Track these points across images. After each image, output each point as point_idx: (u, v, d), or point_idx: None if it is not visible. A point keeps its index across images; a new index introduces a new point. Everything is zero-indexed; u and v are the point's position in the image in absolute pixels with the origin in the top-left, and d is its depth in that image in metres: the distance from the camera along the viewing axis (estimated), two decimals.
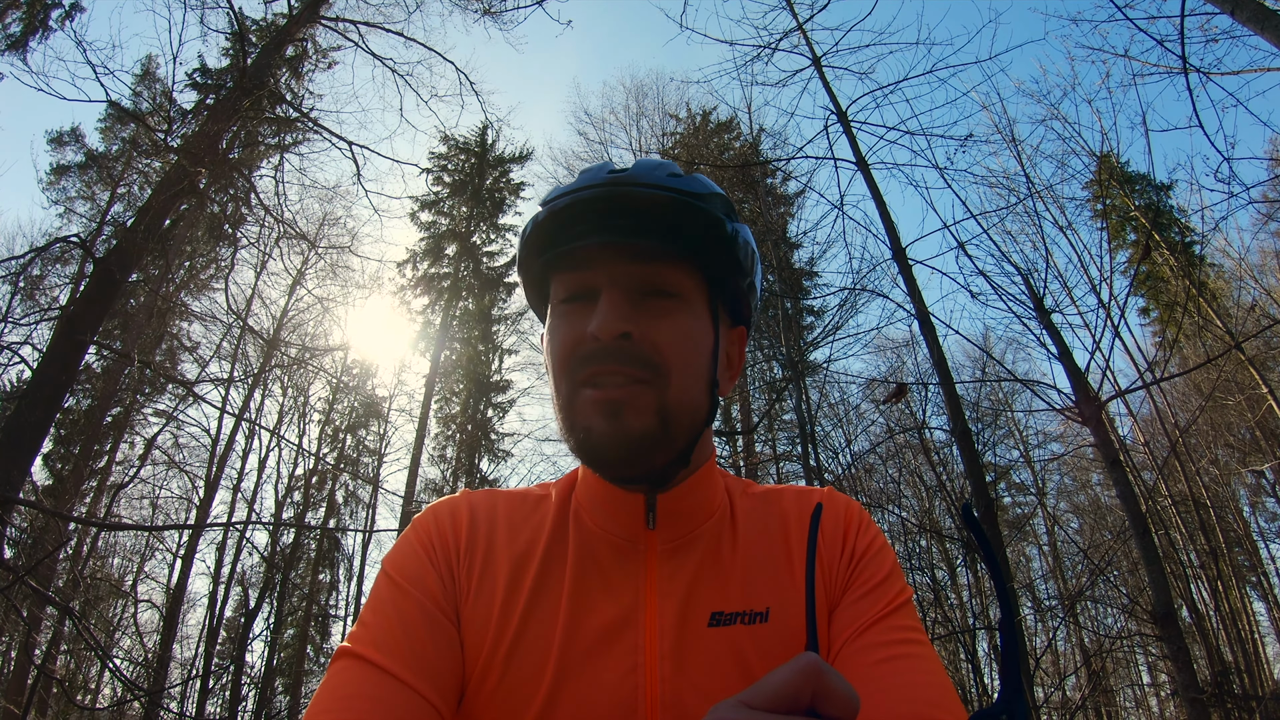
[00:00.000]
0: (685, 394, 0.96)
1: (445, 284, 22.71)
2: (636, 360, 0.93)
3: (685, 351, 0.96)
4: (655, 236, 0.95)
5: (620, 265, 0.96)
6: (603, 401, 0.92)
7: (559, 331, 0.98)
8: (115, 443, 19.60)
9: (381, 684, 0.84)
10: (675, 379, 0.94)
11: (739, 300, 1.08)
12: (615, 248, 0.96)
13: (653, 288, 0.97)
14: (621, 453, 0.92)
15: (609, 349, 0.93)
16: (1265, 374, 15.26)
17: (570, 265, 0.99)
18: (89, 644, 8.13)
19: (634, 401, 0.92)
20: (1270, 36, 5.60)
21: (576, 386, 0.95)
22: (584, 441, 0.93)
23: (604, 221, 0.96)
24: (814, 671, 0.50)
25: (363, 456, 23.22)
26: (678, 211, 0.96)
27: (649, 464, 0.94)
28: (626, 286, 0.96)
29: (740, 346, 1.11)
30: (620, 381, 0.92)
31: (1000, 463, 19.35)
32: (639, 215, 0.96)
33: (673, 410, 0.94)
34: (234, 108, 9.38)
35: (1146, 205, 16.86)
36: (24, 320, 11.36)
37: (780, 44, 8.37)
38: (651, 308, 0.96)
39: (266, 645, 20.09)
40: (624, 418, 0.91)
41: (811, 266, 17.72)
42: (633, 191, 0.95)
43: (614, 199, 0.95)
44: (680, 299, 0.98)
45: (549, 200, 1.00)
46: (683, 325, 0.97)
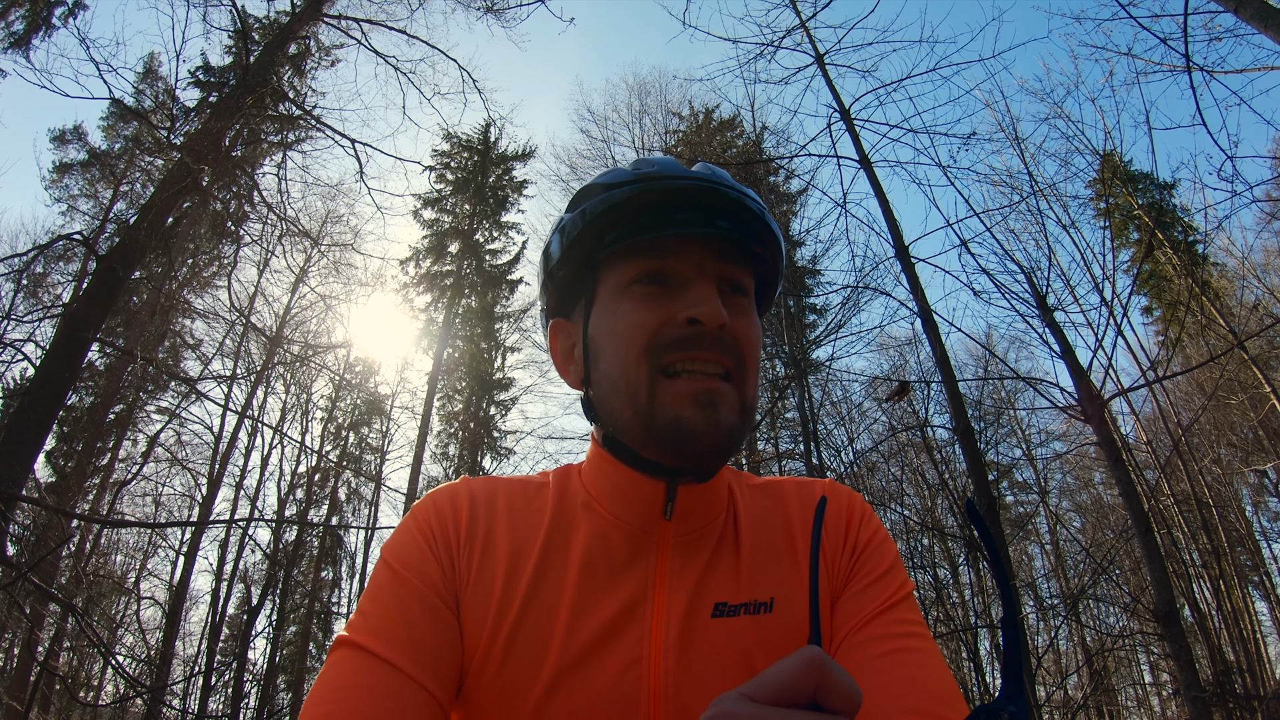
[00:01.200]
0: (755, 391, 0.98)
1: (448, 281, 22.72)
2: (729, 350, 0.94)
3: (757, 350, 0.99)
4: (744, 237, 0.98)
5: (705, 257, 0.97)
6: (700, 392, 0.91)
7: (635, 313, 0.96)
8: (118, 440, 19.64)
9: (380, 673, 0.84)
10: (750, 376, 0.97)
11: (766, 303, 1.12)
12: (706, 241, 0.97)
13: (731, 283, 0.99)
14: (715, 445, 0.91)
15: (710, 336, 0.93)
16: (1268, 373, 15.24)
17: (652, 250, 0.98)
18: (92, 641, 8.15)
19: (726, 396, 0.92)
20: (1274, 35, 5.60)
21: (658, 374, 0.93)
22: (672, 431, 0.91)
23: (704, 215, 0.96)
24: (816, 664, 0.50)
25: (365, 454, 23.25)
26: (751, 215, 0.98)
27: (725, 459, 0.95)
28: (716, 279, 0.97)
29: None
30: (714, 371, 0.93)
31: (1003, 461, 19.35)
32: (733, 216, 0.98)
33: (749, 406, 0.96)
34: (237, 105, 9.39)
35: (1150, 204, 16.84)
36: (27, 318, 11.36)
37: (783, 42, 8.37)
38: (733, 303, 0.98)
39: (269, 642, 20.15)
40: (720, 409, 0.91)
41: (814, 264, 17.70)
42: (728, 193, 0.97)
43: (716, 195, 0.96)
44: (749, 299, 1.02)
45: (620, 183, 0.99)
46: (756, 324, 1.01)
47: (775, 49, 8.40)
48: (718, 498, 1.04)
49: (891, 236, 6.97)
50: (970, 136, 7.83)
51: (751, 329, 0.98)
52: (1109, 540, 15.95)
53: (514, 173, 24.83)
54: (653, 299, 0.96)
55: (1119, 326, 6.73)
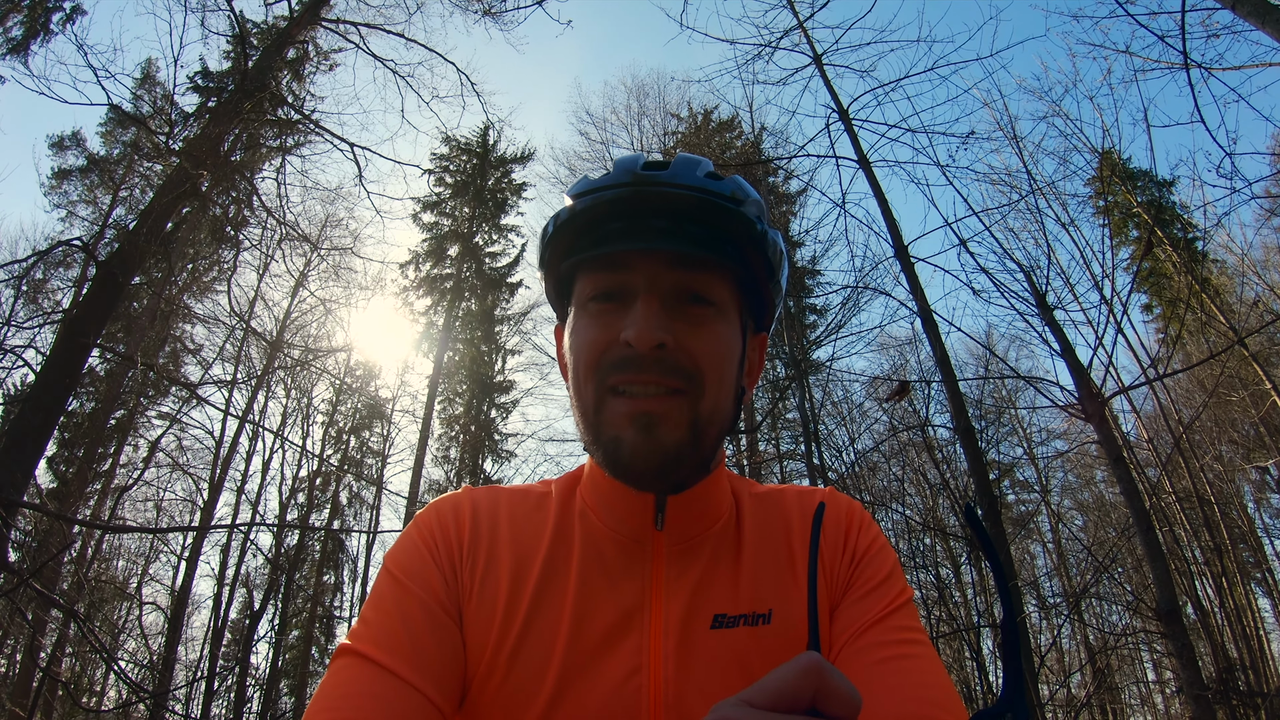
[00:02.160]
0: (717, 404, 0.94)
1: (448, 285, 22.71)
2: (671, 370, 0.91)
3: (720, 362, 0.94)
4: (693, 242, 0.92)
5: (658, 269, 0.93)
6: (636, 413, 0.90)
7: (587, 332, 0.96)
8: (119, 445, 19.62)
9: (382, 682, 0.84)
10: (709, 390, 0.93)
11: (765, 307, 1.06)
12: (651, 251, 0.93)
13: (690, 294, 0.94)
14: (652, 466, 0.90)
15: (643, 358, 0.90)
16: (1269, 370, 15.24)
17: (603, 265, 0.96)
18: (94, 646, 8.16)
19: (668, 414, 0.90)
20: (1272, 31, 5.60)
21: (605, 393, 0.93)
22: (612, 452, 0.91)
23: (641, 223, 0.94)
24: (816, 670, 0.50)
25: (366, 458, 23.24)
26: (716, 215, 0.93)
27: (676, 476, 0.94)
28: (664, 292, 0.93)
29: (761, 353, 1.10)
30: (654, 391, 0.90)
31: (1004, 460, 19.38)
32: (677, 217, 0.93)
33: (704, 421, 0.93)
34: (235, 110, 9.39)
35: (1149, 201, 16.82)
36: (27, 324, 11.39)
37: (781, 42, 8.39)
38: (689, 315, 0.93)
39: (271, 647, 20.13)
40: (657, 431, 0.90)
41: (814, 265, 17.73)
42: (668, 192, 0.92)
43: (649, 199, 0.93)
44: (716, 307, 0.95)
45: (577, 193, 0.97)
46: (719, 334, 0.95)
47: (773, 50, 8.41)
48: (712, 506, 1.03)
49: (891, 236, 6.98)
50: (969, 136, 7.85)
51: (709, 341, 0.93)
52: (1111, 538, 15.96)
53: (513, 175, 24.84)
54: (604, 316, 0.95)
55: (1119, 324, 6.73)
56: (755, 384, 1.09)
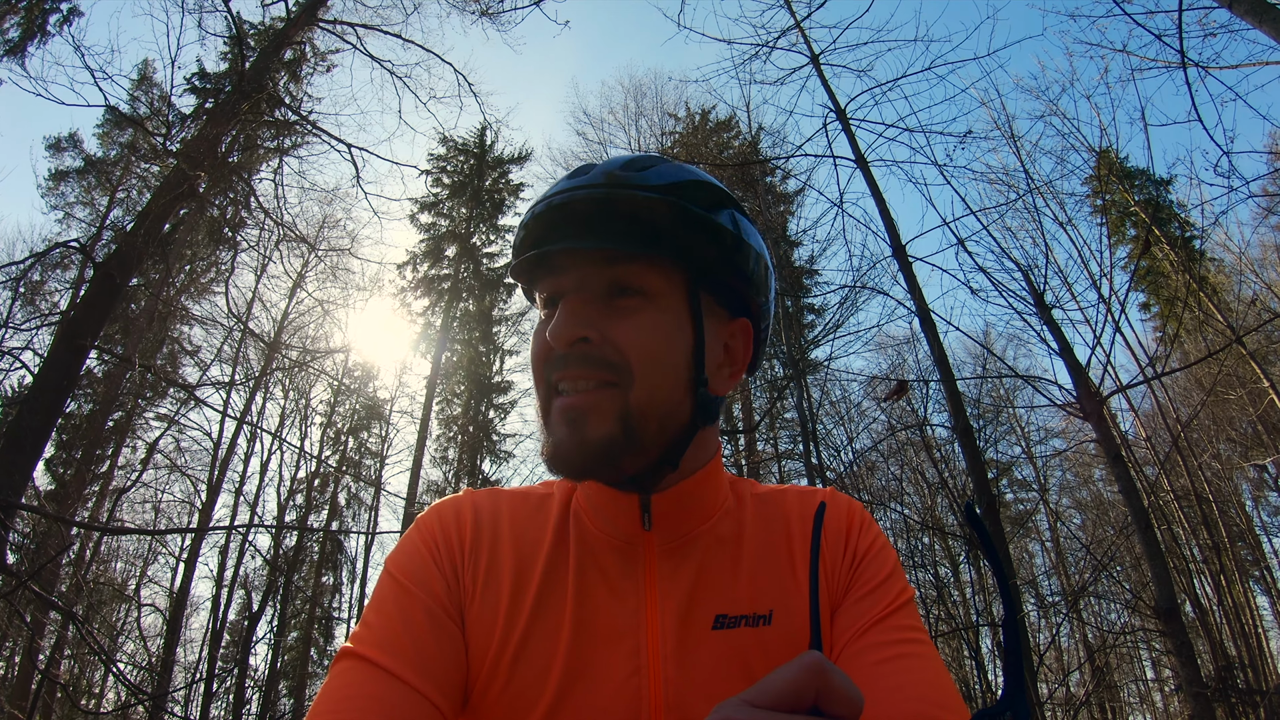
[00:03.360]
0: (653, 395, 0.92)
1: (445, 285, 22.71)
2: (597, 363, 0.92)
3: (650, 350, 0.93)
4: (614, 237, 0.93)
5: (589, 269, 0.95)
6: (566, 409, 0.92)
7: (536, 336, 0.99)
8: (117, 447, 19.60)
9: (385, 685, 0.84)
10: (640, 380, 0.92)
11: (732, 291, 1.01)
12: (583, 252, 0.94)
13: (620, 287, 0.94)
14: (579, 461, 0.91)
15: (567, 355, 0.93)
16: (1267, 368, 15.26)
17: (546, 272, 0.98)
18: (93, 648, 8.15)
19: (594, 408, 0.91)
20: (1269, 30, 5.61)
21: (550, 393, 0.95)
22: (552, 452, 0.93)
23: (566, 228, 0.95)
24: (818, 669, 0.50)
25: (365, 459, 23.23)
26: (642, 207, 0.93)
27: (615, 470, 0.93)
28: (594, 289, 0.95)
29: (745, 340, 1.05)
30: (584, 387, 0.92)
31: (1002, 459, 19.37)
32: (597, 218, 0.94)
33: (637, 413, 0.92)
34: (233, 111, 9.38)
35: (1146, 200, 16.85)
36: (25, 325, 11.34)
37: (778, 42, 8.38)
38: (617, 307, 0.94)
39: (270, 648, 20.11)
40: (584, 426, 0.91)
41: (812, 264, 17.77)
42: (595, 193, 0.93)
43: (572, 205, 0.94)
44: (646, 296, 0.95)
45: (530, 207, 1.00)
46: (647, 323, 0.93)
47: (770, 49, 8.41)
48: (701, 504, 1.02)
49: (888, 236, 6.98)
50: (966, 135, 7.86)
51: (635, 331, 0.93)
52: (1109, 537, 15.97)
53: (510, 176, 24.83)
54: (546, 321, 0.98)
55: (1117, 323, 6.74)
56: (739, 372, 1.05)
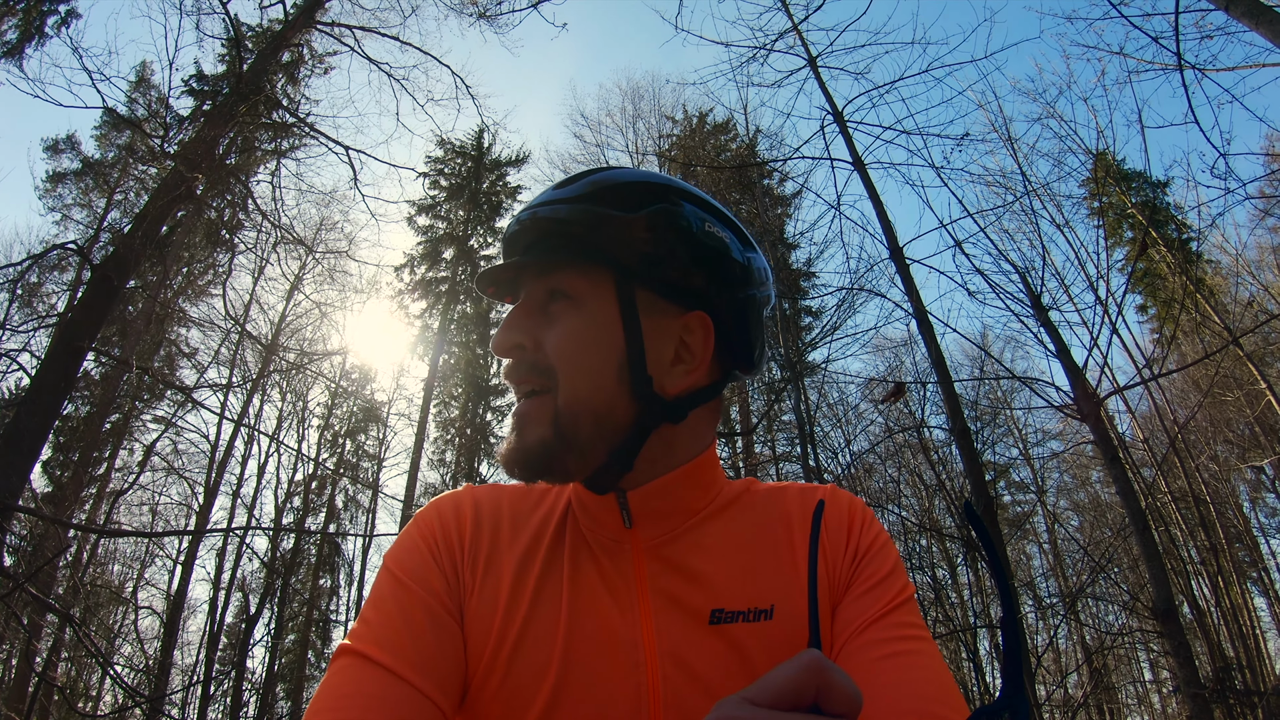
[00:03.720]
0: (577, 396, 0.94)
1: (443, 288, 22.72)
2: (528, 369, 0.98)
3: (571, 353, 0.95)
4: (535, 250, 1.01)
5: (531, 281, 1.02)
6: (515, 415, 1.00)
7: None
8: (114, 449, 19.59)
9: (383, 682, 0.84)
10: (564, 383, 0.94)
11: (676, 285, 0.99)
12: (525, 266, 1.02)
13: (553, 294, 0.99)
14: (520, 464, 0.95)
15: (508, 366, 1.00)
16: (1264, 369, 15.28)
17: (507, 291, 1.09)
18: (90, 651, 8.14)
19: (530, 414, 0.96)
20: (1265, 32, 5.62)
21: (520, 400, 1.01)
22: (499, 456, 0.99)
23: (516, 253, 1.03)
24: (817, 668, 0.50)
25: (362, 461, 23.25)
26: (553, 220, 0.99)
27: (559, 472, 0.95)
28: (534, 299, 1.01)
29: (704, 334, 1.00)
30: (523, 392, 0.99)
31: (1000, 461, 19.40)
32: (540, 237, 1.01)
33: (565, 416, 0.93)
34: (230, 113, 9.38)
35: (1143, 202, 16.88)
36: (22, 327, 11.37)
37: (776, 45, 8.38)
38: (550, 314, 0.99)
39: (267, 651, 20.09)
40: (523, 432, 0.96)
41: (809, 267, 17.76)
42: (524, 219, 1.02)
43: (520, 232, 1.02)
44: (572, 300, 0.97)
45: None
46: (570, 327, 0.96)
47: (768, 52, 8.42)
48: (684, 499, 1.02)
49: (886, 238, 6.98)
50: (963, 137, 7.86)
51: (560, 334, 0.96)
52: (1107, 539, 15.97)
53: (508, 178, 24.87)
54: None
55: (1114, 325, 6.74)
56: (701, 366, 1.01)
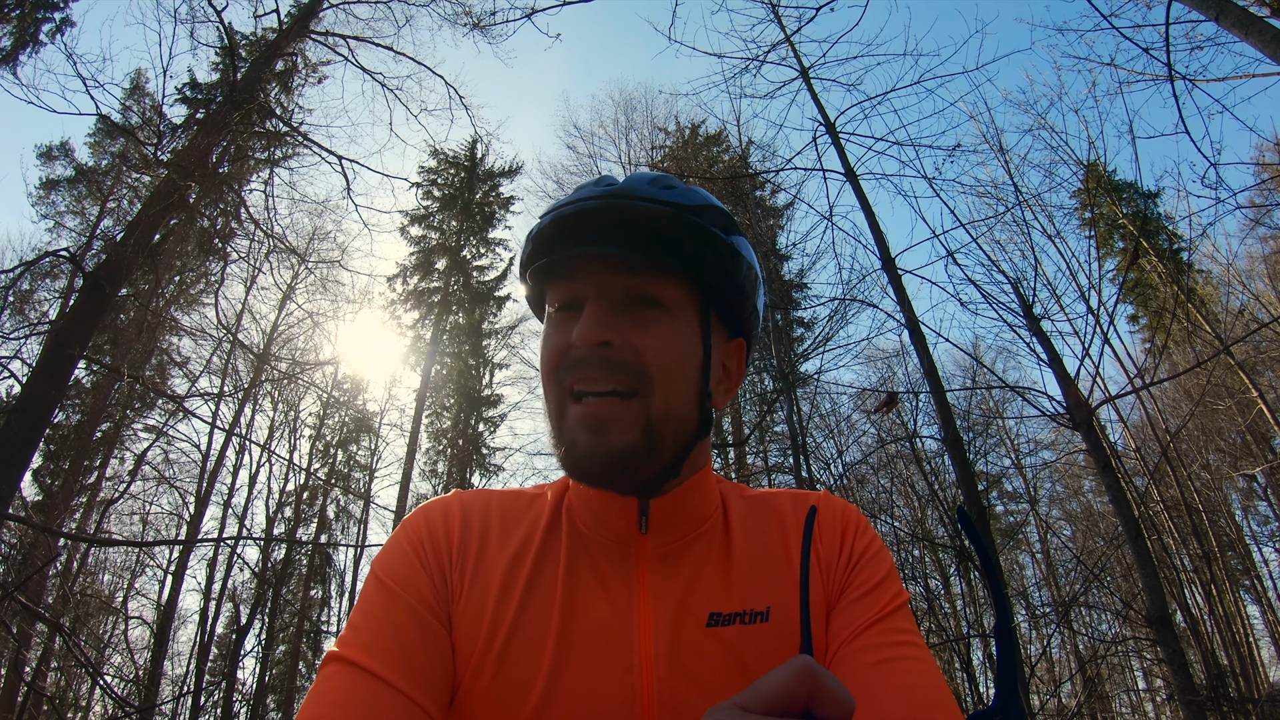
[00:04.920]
0: (670, 405, 0.95)
1: (435, 298, 22.71)
2: (618, 367, 0.93)
3: (669, 360, 0.95)
4: (641, 247, 0.95)
5: (608, 276, 0.96)
6: (589, 416, 0.93)
7: (549, 339, 0.99)
8: (105, 458, 19.51)
9: (371, 689, 0.84)
10: (659, 389, 0.94)
11: (735, 312, 1.06)
12: (604, 258, 0.96)
13: (639, 297, 0.96)
14: (603, 467, 0.92)
15: (590, 357, 0.93)
16: (1255, 378, 15.36)
17: (562, 275, 0.99)
18: (79, 661, 8.09)
19: (619, 417, 0.92)
20: (1255, 42, 5.65)
21: (564, 396, 0.96)
22: (568, 455, 0.94)
23: (593, 234, 0.96)
24: (809, 673, 0.50)
25: (354, 471, 23.18)
26: (666, 222, 0.95)
27: (633, 478, 0.95)
28: (613, 296, 0.96)
29: (739, 359, 1.09)
30: (604, 391, 0.93)
31: (992, 471, 19.39)
32: (627, 227, 0.96)
33: (657, 423, 0.94)
34: (224, 122, 9.39)
35: (1134, 212, 16.92)
36: (13, 335, 11.29)
37: (768, 56, 8.39)
38: (637, 317, 0.96)
39: (258, 662, 20.03)
40: (608, 433, 0.92)
41: (801, 278, 17.74)
42: (621, 204, 0.95)
43: (604, 211, 0.95)
44: (665, 309, 0.97)
45: (545, 214, 1.00)
46: (667, 334, 0.96)
47: (760, 64, 8.42)
48: (697, 509, 1.04)
49: (878, 249, 6.99)
50: (955, 148, 7.88)
51: (657, 341, 0.95)
52: (1100, 547, 16.00)
53: (501, 189, 24.90)
54: (562, 323, 0.99)
55: (1105, 334, 6.74)
56: (734, 390, 1.09)
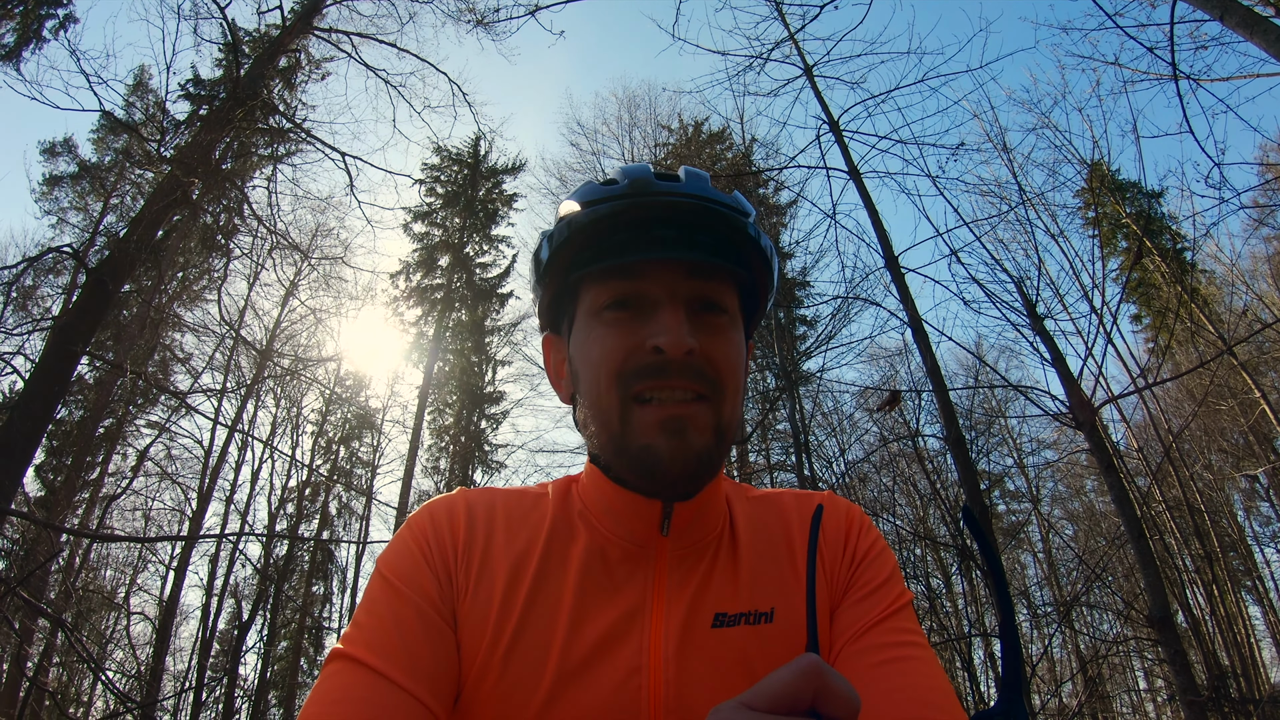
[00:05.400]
0: (735, 411, 0.96)
1: (438, 295, 22.71)
2: (697, 376, 0.92)
3: (735, 369, 0.97)
4: (705, 251, 0.95)
5: (680, 279, 0.95)
6: (667, 419, 0.91)
7: (605, 339, 0.96)
8: (108, 454, 19.54)
9: (375, 687, 0.83)
10: (729, 396, 0.95)
11: (757, 315, 1.09)
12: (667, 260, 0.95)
13: (707, 303, 0.96)
14: (684, 470, 0.91)
15: (676, 364, 0.91)
16: (1258, 378, 15.33)
17: (620, 273, 0.96)
18: (81, 656, 8.10)
19: (695, 418, 0.92)
20: (1260, 42, 5.63)
21: (629, 401, 0.93)
22: (643, 459, 0.92)
23: (651, 232, 0.95)
24: (815, 672, 0.50)
25: (356, 468, 23.19)
26: (723, 225, 0.96)
27: (704, 481, 0.95)
28: (685, 300, 0.95)
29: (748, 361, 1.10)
30: (681, 397, 0.92)
31: (994, 470, 19.37)
32: (686, 227, 0.95)
33: (726, 427, 0.95)
34: (227, 118, 9.39)
35: (1138, 212, 16.91)
36: (16, 331, 11.31)
37: (772, 54, 8.37)
38: (707, 324, 0.95)
39: (259, 658, 20.04)
40: (688, 435, 0.91)
41: (804, 276, 17.73)
42: (678, 201, 0.94)
43: (658, 209, 0.95)
44: (729, 316, 0.98)
45: (587, 200, 0.98)
46: (733, 342, 0.97)
47: (764, 61, 8.40)
48: (715, 512, 1.03)
49: (881, 247, 6.98)
50: (959, 147, 7.86)
51: (728, 348, 0.96)
52: (1101, 547, 15.98)
53: (504, 186, 24.89)
54: (622, 324, 0.96)
55: (1109, 334, 6.73)
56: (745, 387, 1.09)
